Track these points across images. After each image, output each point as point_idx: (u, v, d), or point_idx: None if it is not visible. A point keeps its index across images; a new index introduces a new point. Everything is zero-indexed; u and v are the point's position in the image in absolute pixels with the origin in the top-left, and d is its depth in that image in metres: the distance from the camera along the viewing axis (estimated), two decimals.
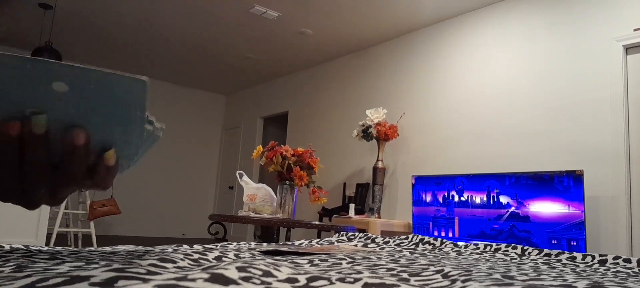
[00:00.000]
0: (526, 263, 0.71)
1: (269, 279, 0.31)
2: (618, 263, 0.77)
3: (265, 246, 0.80)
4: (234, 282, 0.28)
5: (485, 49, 4.33)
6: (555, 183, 3.29)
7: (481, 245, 0.99)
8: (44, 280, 0.27)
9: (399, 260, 0.62)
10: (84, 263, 0.40)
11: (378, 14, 4.77)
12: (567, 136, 3.60)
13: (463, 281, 0.42)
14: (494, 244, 0.99)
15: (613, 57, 3.43)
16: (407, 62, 5.11)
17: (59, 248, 0.53)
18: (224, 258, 0.54)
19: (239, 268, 0.31)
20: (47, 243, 4.76)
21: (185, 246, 0.66)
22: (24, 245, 0.53)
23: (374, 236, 1.11)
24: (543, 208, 3.34)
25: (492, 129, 4.13)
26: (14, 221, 3.74)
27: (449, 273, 0.46)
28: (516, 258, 0.84)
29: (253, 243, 0.86)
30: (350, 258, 0.59)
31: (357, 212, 4.70)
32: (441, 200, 4.00)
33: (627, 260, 0.77)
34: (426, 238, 1.08)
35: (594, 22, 3.59)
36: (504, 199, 3.57)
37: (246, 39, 5.73)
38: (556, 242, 3.23)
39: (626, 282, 0.47)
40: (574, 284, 0.41)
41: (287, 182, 2.80)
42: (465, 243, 1.03)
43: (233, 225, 7.53)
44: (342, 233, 1.14)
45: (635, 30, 3.34)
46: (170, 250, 0.56)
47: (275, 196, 2.86)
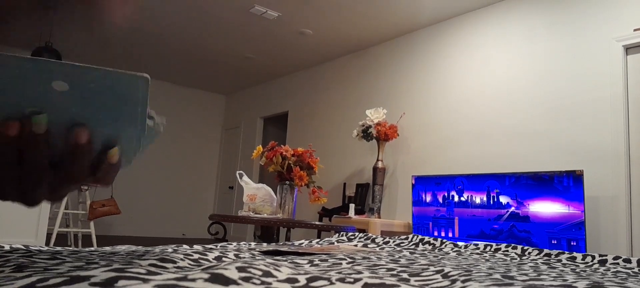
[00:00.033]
0: (526, 264, 0.71)
1: (269, 279, 0.31)
2: (618, 264, 0.77)
3: (265, 246, 0.80)
4: (234, 282, 0.28)
5: (485, 49, 4.33)
6: (555, 184, 3.29)
7: (481, 245, 0.99)
8: (44, 280, 0.27)
9: (399, 260, 0.62)
10: (84, 263, 0.40)
11: (378, 14, 4.77)
12: (567, 136, 3.60)
13: (463, 281, 0.42)
14: (494, 244, 0.99)
15: (613, 57, 3.43)
16: (407, 62, 5.11)
17: (59, 249, 0.53)
18: (224, 259, 0.54)
19: (239, 269, 0.31)
20: (47, 243, 4.76)
21: (185, 246, 0.66)
22: (24, 245, 0.53)
23: (374, 236, 1.11)
24: (543, 208, 3.34)
25: (492, 129, 4.13)
26: (14, 221, 3.74)
27: (449, 274, 0.46)
28: (516, 259, 0.84)
29: (253, 244, 0.86)
30: (350, 258, 0.59)
31: (357, 212, 4.70)
32: (441, 200, 4.00)
33: (627, 260, 0.77)
34: (426, 239, 1.08)
35: (594, 22, 3.59)
36: (503, 199, 3.57)
37: (246, 39, 5.73)
38: (556, 242, 3.23)
39: (626, 282, 0.47)
40: (574, 284, 0.41)
41: (287, 182, 2.80)
42: (465, 244, 1.03)
43: (233, 225, 7.53)
44: (342, 233, 1.14)
45: (635, 30, 3.34)
46: (170, 250, 0.56)
47: (275, 196, 2.86)
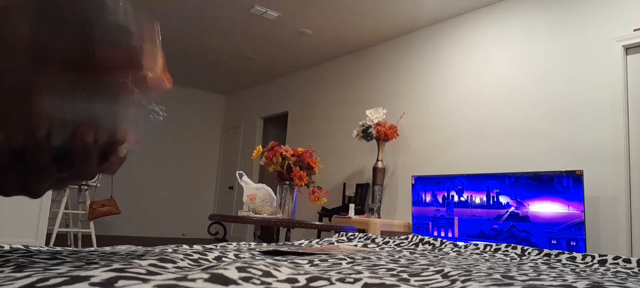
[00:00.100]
0: (526, 264, 0.71)
1: (269, 279, 0.31)
2: (618, 264, 0.77)
3: (265, 246, 0.80)
4: (234, 282, 0.28)
5: (485, 49, 4.33)
6: (555, 184, 3.29)
7: (481, 245, 0.99)
8: (44, 280, 0.27)
9: (399, 260, 0.62)
10: (84, 263, 0.41)
11: (378, 14, 4.77)
12: (567, 136, 3.60)
13: (463, 281, 0.42)
14: (493, 244, 0.99)
15: (613, 57, 3.43)
16: (407, 62, 5.11)
17: (58, 249, 0.53)
18: (223, 259, 0.54)
19: (239, 269, 0.31)
20: (47, 243, 4.76)
21: (185, 246, 0.66)
22: (24, 245, 0.53)
23: (373, 236, 1.11)
24: (543, 208, 3.34)
25: (492, 129, 4.13)
26: (14, 221, 3.73)
27: (449, 274, 0.46)
28: (516, 259, 0.84)
29: (253, 244, 0.86)
30: (350, 258, 0.59)
31: (357, 212, 4.70)
32: (441, 200, 4.00)
33: (627, 260, 0.77)
34: (426, 239, 1.08)
35: (594, 22, 3.59)
36: (503, 199, 3.57)
37: (246, 39, 5.73)
38: (556, 242, 3.23)
39: (626, 282, 0.47)
40: (573, 284, 0.41)
41: (287, 182, 2.80)
42: (465, 244, 1.03)
43: (233, 225, 7.53)
44: (342, 233, 1.14)
45: (635, 30, 3.34)
46: (170, 250, 0.56)
47: (275, 196, 2.86)
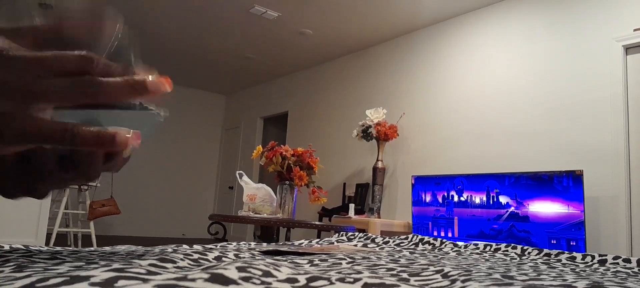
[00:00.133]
0: (526, 263, 0.71)
1: (269, 279, 0.31)
2: (618, 263, 0.77)
3: (265, 246, 0.80)
4: (234, 282, 0.28)
5: (485, 49, 4.33)
6: (555, 184, 3.29)
7: (481, 245, 0.99)
8: (44, 280, 0.27)
9: (399, 260, 0.62)
10: (84, 263, 0.41)
11: (378, 14, 4.77)
12: (567, 136, 3.60)
13: (463, 281, 0.42)
14: (493, 244, 0.99)
15: (613, 57, 3.43)
16: (407, 62, 5.11)
17: (58, 248, 0.53)
18: (223, 258, 0.54)
19: (239, 268, 0.31)
20: (47, 243, 4.75)
21: (185, 246, 0.66)
22: (23, 245, 0.53)
23: (373, 236, 1.11)
24: (542, 208, 3.34)
25: (492, 129, 4.13)
26: (14, 221, 3.73)
27: (449, 273, 0.46)
28: (516, 258, 0.84)
29: (253, 243, 0.86)
30: (350, 258, 0.59)
31: (357, 212, 4.70)
32: (441, 200, 4.00)
33: (627, 260, 0.77)
34: (426, 238, 1.08)
35: (594, 22, 3.59)
36: (503, 199, 3.57)
37: (246, 39, 5.73)
38: (555, 242, 3.23)
39: (626, 282, 0.47)
40: (573, 284, 0.41)
41: (287, 182, 2.80)
42: (465, 243, 1.03)
43: (233, 225, 7.53)
44: (342, 233, 1.14)
45: (635, 30, 3.34)
46: (170, 250, 0.56)
47: (275, 196, 2.86)
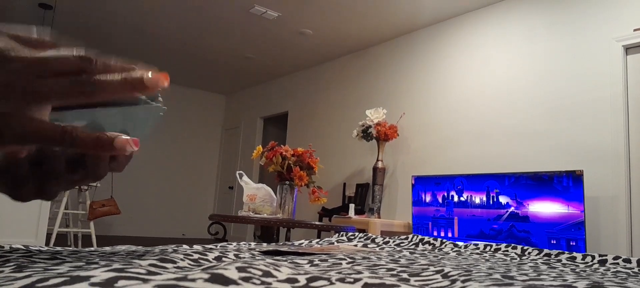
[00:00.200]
0: (526, 264, 0.71)
1: (269, 279, 0.31)
2: (618, 264, 0.77)
3: (265, 246, 0.80)
4: (234, 282, 0.28)
5: (485, 49, 4.33)
6: (554, 184, 3.29)
7: (481, 245, 0.99)
8: (44, 280, 0.27)
9: (399, 260, 0.62)
10: (84, 263, 0.40)
11: (378, 14, 4.77)
12: (567, 136, 3.60)
13: (463, 281, 0.42)
14: (493, 244, 0.99)
15: (613, 57, 3.43)
16: (407, 62, 5.11)
17: (59, 249, 0.53)
18: (224, 259, 0.54)
19: (239, 269, 0.31)
20: (47, 243, 4.75)
21: (185, 246, 0.66)
22: (24, 245, 0.53)
23: (373, 236, 1.11)
24: (542, 208, 3.34)
25: (492, 129, 4.13)
26: (14, 221, 3.73)
27: (449, 274, 0.46)
28: (516, 259, 0.84)
29: (253, 244, 0.86)
30: (350, 258, 0.59)
31: (357, 212, 4.70)
32: (441, 200, 4.00)
33: (627, 260, 0.77)
34: (426, 239, 1.08)
35: (594, 22, 3.59)
36: (503, 199, 3.57)
37: (246, 39, 5.73)
38: (555, 242, 3.23)
39: (626, 282, 0.47)
40: (574, 284, 0.41)
41: (287, 182, 2.80)
42: (465, 244, 1.03)
43: (233, 225, 7.53)
44: (342, 233, 1.14)
45: (635, 30, 3.34)
46: (170, 250, 0.56)
47: (275, 196, 2.86)
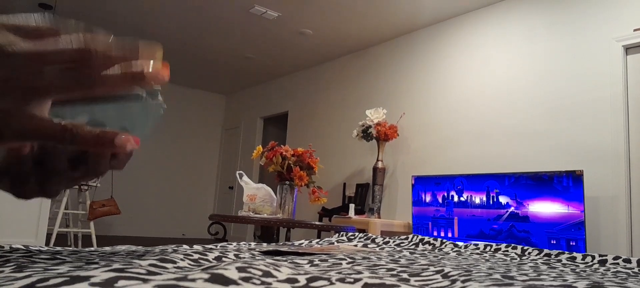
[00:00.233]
0: (526, 264, 0.71)
1: (269, 279, 0.31)
2: (618, 264, 0.77)
3: (265, 246, 0.80)
4: (234, 282, 0.28)
5: (485, 49, 4.33)
6: (554, 184, 3.29)
7: (481, 245, 0.99)
8: (44, 280, 0.27)
9: (399, 261, 0.62)
10: (84, 264, 0.40)
11: (378, 14, 4.77)
12: (567, 136, 3.60)
13: (463, 281, 0.42)
14: (494, 244, 0.99)
15: (613, 57, 3.43)
16: (407, 62, 5.11)
17: (59, 249, 0.53)
18: (224, 259, 0.54)
19: (239, 269, 0.31)
20: (47, 243, 4.75)
21: (185, 246, 0.66)
22: (24, 245, 0.53)
23: (374, 236, 1.11)
24: (542, 208, 3.34)
25: (492, 129, 4.13)
26: (14, 221, 3.73)
27: (449, 274, 0.46)
28: (516, 259, 0.84)
29: (253, 244, 0.86)
30: (350, 258, 0.59)
31: (357, 212, 4.70)
32: (441, 200, 4.00)
33: (627, 260, 0.77)
34: (426, 239, 1.08)
35: (594, 22, 3.59)
36: (503, 199, 3.57)
37: (246, 39, 5.73)
38: (555, 242, 3.23)
39: (626, 282, 0.47)
40: (574, 284, 0.41)
41: (287, 182, 2.80)
42: (465, 244, 1.03)
43: (233, 225, 7.53)
44: (342, 233, 1.14)
45: (635, 30, 3.34)
46: (170, 250, 0.56)
47: (275, 196, 2.86)
